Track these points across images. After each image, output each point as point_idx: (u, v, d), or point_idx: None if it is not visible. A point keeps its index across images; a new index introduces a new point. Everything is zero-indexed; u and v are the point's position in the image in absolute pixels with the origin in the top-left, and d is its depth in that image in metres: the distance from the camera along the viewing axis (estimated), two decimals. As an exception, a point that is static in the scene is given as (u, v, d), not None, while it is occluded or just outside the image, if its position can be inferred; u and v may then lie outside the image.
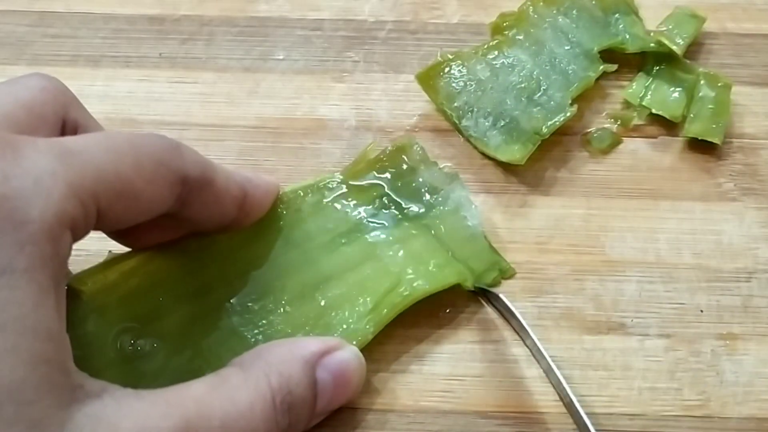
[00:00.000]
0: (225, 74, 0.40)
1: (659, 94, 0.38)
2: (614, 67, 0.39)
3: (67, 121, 0.28)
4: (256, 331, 0.30)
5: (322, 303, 0.31)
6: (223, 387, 0.25)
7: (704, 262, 0.34)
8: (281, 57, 0.41)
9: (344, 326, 0.30)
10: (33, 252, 0.22)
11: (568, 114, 0.36)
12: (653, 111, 0.38)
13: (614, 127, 0.38)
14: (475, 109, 0.36)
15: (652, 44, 0.39)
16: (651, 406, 0.30)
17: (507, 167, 0.37)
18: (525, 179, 0.36)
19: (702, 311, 0.33)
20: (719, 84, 0.38)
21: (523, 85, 0.37)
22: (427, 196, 0.34)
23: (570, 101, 0.37)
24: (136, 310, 0.29)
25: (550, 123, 0.36)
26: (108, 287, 0.29)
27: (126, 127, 0.38)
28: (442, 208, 0.34)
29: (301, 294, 0.31)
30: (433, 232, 0.33)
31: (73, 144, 0.24)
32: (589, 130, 0.38)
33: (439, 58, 0.38)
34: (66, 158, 0.23)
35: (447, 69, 0.38)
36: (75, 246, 0.24)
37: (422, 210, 0.34)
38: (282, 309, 0.31)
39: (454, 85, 0.37)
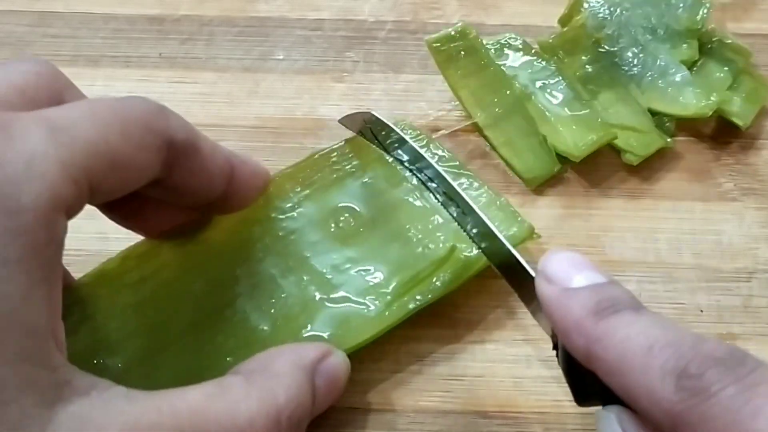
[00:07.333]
0: (225, 74, 0.40)
1: (706, 74, 0.39)
2: None
3: None
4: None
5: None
6: (223, 398, 0.24)
7: (704, 262, 0.34)
8: (281, 57, 0.41)
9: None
10: (26, 242, 0.21)
11: (708, 5, 0.38)
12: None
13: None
14: (631, 30, 0.38)
15: None
16: (651, 406, 0.30)
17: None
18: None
19: (702, 311, 0.33)
20: (761, 83, 0.38)
21: None
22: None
23: None
24: (145, 309, 0.30)
25: (698, 17, 0.38)
26: (116, 281, 0.30)
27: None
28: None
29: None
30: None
31: (60, 118, 0.23)
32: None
33: None
34: (56, 136, 0.22)
35: (585, 5, 0.39)
36: (75, 246, 0.24)
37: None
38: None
39: (600, 15, 0.39)
